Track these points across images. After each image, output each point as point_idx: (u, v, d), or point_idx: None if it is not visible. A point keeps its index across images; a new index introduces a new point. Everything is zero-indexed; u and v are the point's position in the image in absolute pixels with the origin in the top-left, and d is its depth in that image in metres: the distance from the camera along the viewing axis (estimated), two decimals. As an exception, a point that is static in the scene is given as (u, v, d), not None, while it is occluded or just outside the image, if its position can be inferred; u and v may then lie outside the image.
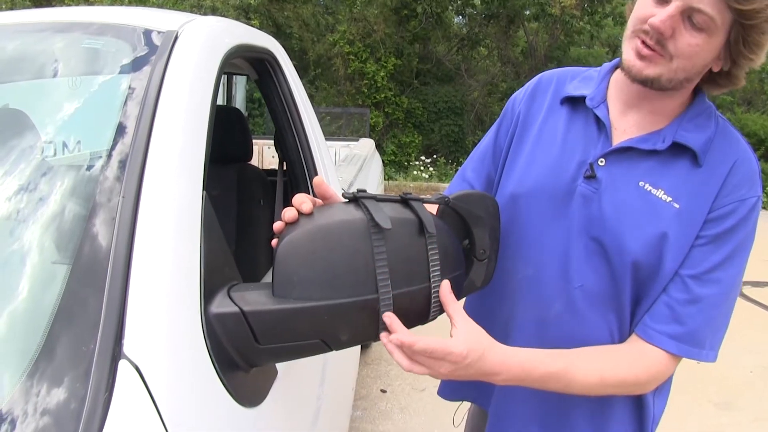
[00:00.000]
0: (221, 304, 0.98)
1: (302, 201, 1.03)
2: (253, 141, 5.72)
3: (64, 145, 1.12)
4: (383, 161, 12.85)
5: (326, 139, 6.39)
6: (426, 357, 1.04)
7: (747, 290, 6.68)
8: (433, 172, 13.42)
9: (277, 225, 1.05)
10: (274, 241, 1.03)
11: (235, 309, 0.97)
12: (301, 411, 1.43)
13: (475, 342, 1.09)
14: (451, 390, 1.62)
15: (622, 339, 1.30)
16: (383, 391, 4.07)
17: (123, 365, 0.80)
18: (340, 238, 0.99)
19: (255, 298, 0.98)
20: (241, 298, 0.99)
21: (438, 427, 3.52)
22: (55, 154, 1.10)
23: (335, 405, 1.96)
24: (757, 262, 7.72)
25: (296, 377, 1.38)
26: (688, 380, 4.14)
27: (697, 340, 1.23)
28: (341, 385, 2.16)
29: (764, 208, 12.43)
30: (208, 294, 0.98)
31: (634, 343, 1.27)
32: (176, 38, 1.25)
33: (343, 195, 1.09)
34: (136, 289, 0.86)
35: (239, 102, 11.87)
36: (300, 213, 1.02)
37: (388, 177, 12.54)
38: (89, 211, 0.95)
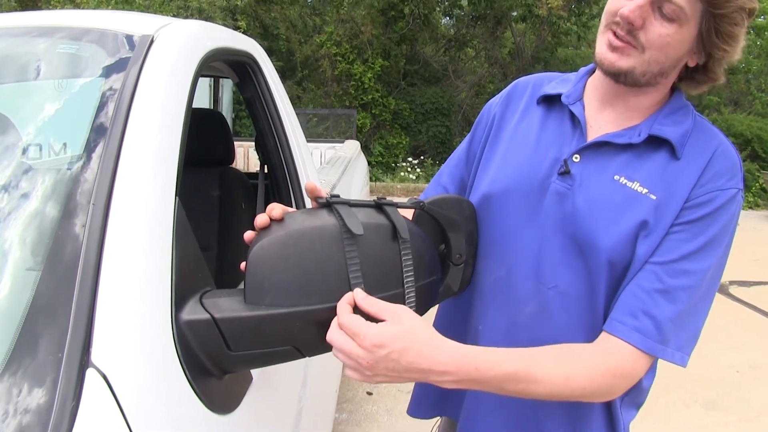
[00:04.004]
0: (192, 311, 0.98)
1: (273, 207, 1.02)
2: (240, 143, 5.71)
3: (37, 148, 1.11)
4: (370, 162, 12.90)
5: (312, 141, 6.38)
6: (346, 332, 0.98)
7: (733, 290, 6.71)
8: (421, 173, 13.42)
9: (248, 235, 1.04)
10: (243, 265, 1.02)
11: (207, 316, 0.97)
12: (280, 415, 1.43)
13: (396, 334, 0.98)
14: (423, 408, 1.56)
15: None
16: (369, 394, 4.07)
17: (90, 374, 0.80)
18: (311, 244, 0.99)
19: (227, 305, 0.98)
20: (213, 304, 0.99)
21: (424, 430, 3.51)
22: (40, 155, 1.10)
23: (318, 407, 1.96)
24: (744, 261, 7.70)
25: (275, 380, 1.38)
26: (674, 380, 4.15)
27: (663, 335, 1.17)
28: (324, 386, 2.16)
29: (750, 207, 12.55)
30: (179, 301, 0.97)
31: (603, 339, 1.21)
32: (152, 42, 1.24)
33: (316, 200, 1.08)
34: (104, 297, 0.86)
35: (226, 104, 11.83)
36: (271, 219, 1.02)
37: (375, 178, 12.53)
38: (60, 217, 0.94)
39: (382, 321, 1.00)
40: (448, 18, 15.96)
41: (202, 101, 9.24)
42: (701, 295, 1.20)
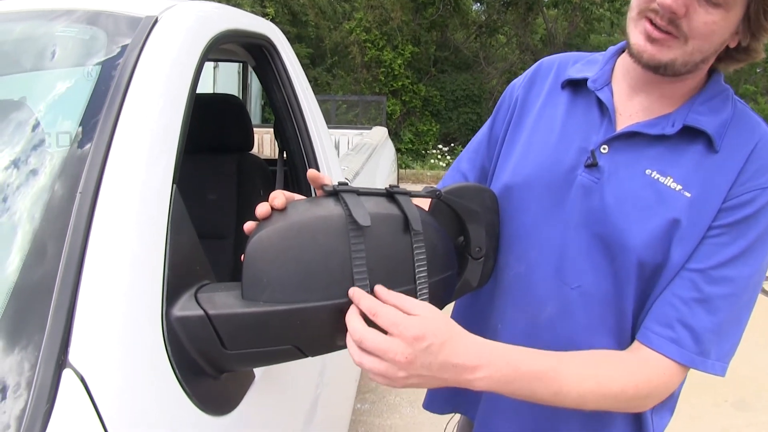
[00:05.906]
0: (185, 307, 0.91)
1: (275, 196, 0.95)
2: (268, 130, 5.66)
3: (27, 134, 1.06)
4: (400, 150, 12.86)
5: (339, 128, 6.34)
6: (378, 335, 0.90)
7: (765, 284, 6.53)
8: (451, 160, 13.32)
9: (248, 225, 0.97)
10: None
11: (200, 312, 0.90)
12: (287, 411, 1.37)
13: (436, 327, 0.92)
14: (437, 402, 1.50)
15: (621, 346, 1.17)
16: (392, 384, 4.02)
17: (67, 375, 0.74)
18: (314, 236, 0.92)
19: (223, 301, 0.91)
20: (207, 300, 0.92)
21: (447, 422, 3.46)
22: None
23: (336, 396, 1.91)
24: (778, 255, 7.44)
25: (285, 374, 1.32)
26: (704, 380, 4.01)
27: (703, 347, 1.09)
28: (344, 374, 2.12)
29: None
30: (172, 295, 0.91)
31: (636, 349, 1.13)
32: (155, 24, 1.18)
33: (323, 188, 1.01)
34: (87, 291, 0.80)
35: (255, 90, 11.83)
36: (273, 209, 0.95)
37: (405, 165, 12.46)
38: (45, 206, 0.89)
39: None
40: (478, 4, 15.84)
41: (231, 87, 9.23)
42: (743, 303, 1.12)
